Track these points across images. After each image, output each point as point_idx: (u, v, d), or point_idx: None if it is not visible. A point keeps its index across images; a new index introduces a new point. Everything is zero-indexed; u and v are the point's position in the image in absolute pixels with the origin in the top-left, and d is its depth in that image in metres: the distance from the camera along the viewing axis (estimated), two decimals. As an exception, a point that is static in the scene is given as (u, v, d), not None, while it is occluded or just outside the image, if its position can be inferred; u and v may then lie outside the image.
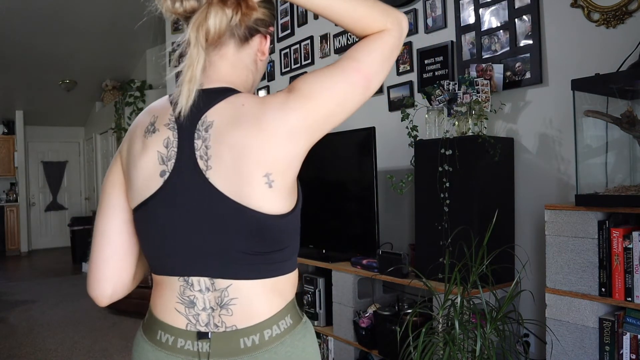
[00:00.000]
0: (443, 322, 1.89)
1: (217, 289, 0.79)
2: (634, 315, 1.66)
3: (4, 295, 5.34)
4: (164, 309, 0.83)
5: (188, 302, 0.81)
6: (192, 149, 0.79)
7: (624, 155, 1.88)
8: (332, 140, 2.96)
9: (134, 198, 0.83)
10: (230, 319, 0.79)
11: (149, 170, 0.80)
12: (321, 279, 2.87)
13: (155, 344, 0.83)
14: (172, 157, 0.79)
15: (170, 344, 0.81)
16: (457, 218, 2.15)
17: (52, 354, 3.44)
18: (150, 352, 0.84)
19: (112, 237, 0.86)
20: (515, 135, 2.32)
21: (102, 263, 0.86)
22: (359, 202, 2.73)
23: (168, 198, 0.79)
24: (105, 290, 0.87)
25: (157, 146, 0.80)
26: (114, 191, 0.87)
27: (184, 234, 0.80)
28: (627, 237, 1.65)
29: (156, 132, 0.81)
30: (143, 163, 0.81)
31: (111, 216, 0.86)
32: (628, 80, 1.76)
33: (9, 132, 8.60)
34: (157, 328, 0.84)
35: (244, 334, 0.79)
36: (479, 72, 2.39)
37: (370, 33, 0.81)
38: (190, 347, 0.80)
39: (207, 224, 0.78)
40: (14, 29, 5.51)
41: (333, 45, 3.41)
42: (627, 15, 1.93)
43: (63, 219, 8.98)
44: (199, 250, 0.79)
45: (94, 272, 0.87)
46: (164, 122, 0.82)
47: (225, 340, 0.79)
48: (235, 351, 0.79)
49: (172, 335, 0.81)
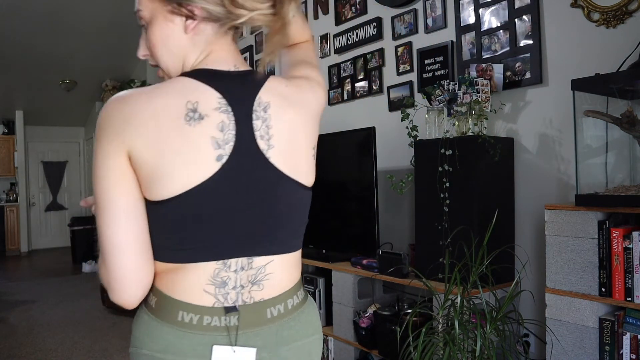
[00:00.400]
0: (443, 322, 1.89)
1: (254, 267, 0.84)
2: (634, 315, 1.66)
3: (4, 295, 5.34)
4: (189, 291, 0.81)
5: (220, 282, 0.82)
6: (251, 130, 0.82)
7: (624, 155, 1.88)
8: (332, 140, 2.97)
9: (168, 188, 0.77)
10: (259, 293, 0.84)
11: (199, 156, 0.78)
12: (321, 279, 2.87)
13: (176, 325, 0.80)
14: (229, 140, 0.80)
15: (195, 323, 0.80)
16: (457, 218, 2.15)
17: (52, 354, 3.44)
18: (168, 333, 0.80)
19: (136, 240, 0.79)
20: (515, 135, 2.32)
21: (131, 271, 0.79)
22: (359, 202, 2.73)
23: (226, 181, 0.80)
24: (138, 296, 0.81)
25: (209, 131, 0.79)
26: (121, 192, 0.77)
27: (240, 217, 0.82)
28: (627, 237, 1.65)
29: (205, 118, 0.79)
30: (189, 150, 0.78)
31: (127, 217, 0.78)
32: (628, 80, 1.76)
33: (9, 132, 8.60)
34: (176, 309, 0.81)
35: (270, 304, 0.85)
36: (479, 72, 2.39)
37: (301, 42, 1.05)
38: (217, 322, 0.81)
39: (265, 204, 0.83)
40: (14, 29, 5.51)
41: (333, 45, 3.41)
42: (627, 15, 1.93)
43: (63, 219, 8.98)
44: (250, 232, 0.83)
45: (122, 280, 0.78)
46: (213, 106, 0.80)
47: (253, 312, 0.83)
48: (262, 321, 0.83)
49: (196, 313, 0.81)
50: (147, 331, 0.82)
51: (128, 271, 0.78)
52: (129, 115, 0.77)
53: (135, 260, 0.79)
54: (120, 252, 0.78)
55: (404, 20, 2.87)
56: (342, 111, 3.36)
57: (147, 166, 0.77)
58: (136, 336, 0.84)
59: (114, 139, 0.77)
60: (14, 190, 8.73)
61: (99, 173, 0.78)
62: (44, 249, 8.87)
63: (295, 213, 0.88)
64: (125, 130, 0.77)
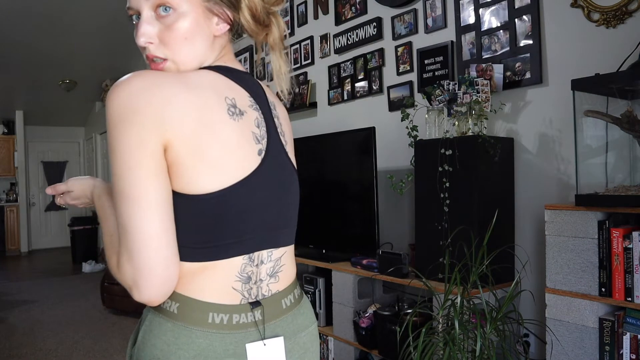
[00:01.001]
0: (443, 322, 1.89)
1: (272, 260, 0.86)
2: (634, 315, 1.66)
3: (4, 295, 5.34)
4: (218, 291, 0.80)
5: (246, 277, 0.82)
6: (275, 128, 0.88)
7: (624, 155, 1.88)
8: (332, 140, 2.97)
9: (214, 181, 0.76)
10: (275, 285, 0.86)
11: (243, 150, 0.80)
12: (321, 279, 2.87)
13: (207, 328, 0.78)
14: (264, 135, 0.85)
15: (226, 323, 0.79)
16: (457, 218, 2.15)
17: (52, 354, 3.44)
18: (200, 337, 0.78)
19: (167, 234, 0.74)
20: (515, 135, 2.32)
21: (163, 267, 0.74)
22: (359, 202, 2.73)
23: (265, 175, 0.82)
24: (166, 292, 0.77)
25: (249, 127, 0.82)
26: (157, 182, 0.73)
27: (272, 210, 0.85)
28: (627, 237, 1.65)
29: (244, 114, 0.82)
30: (237, 143, 0.79)
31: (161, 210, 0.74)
32: (628, 80, 1.76)
33: (9, 132, 8.60)
34: (206, 311, 0.78)
35: (283, 295, 0.88)
36: (479, 72, 2.39)
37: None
38: (245, 319, 0.81)
39: (288, 196, 0.89)
40: (14, 29, 5.51)
41: (333, 45, 3.42)
42: (627, 15, 1.93)
43: (63, 219, 8.99)
44: (276, 224, 0.86)
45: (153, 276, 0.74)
46: (247, 103, 0.84)
47: (273, 304, 0.85)
48: (279, 312, 0.86)
49: (226, 313, 0.79)
50: (175, 339, 0.78)
51: (160, 267, 0.73)
52: (168, 102, 0.73)
53: (166, 255, 0.74)
54: (152, 247, 0.73)
55: (404, 20, 2.87)
56: (342, 111, 3.36)
57: (189, 158, 0.74)
58: (158, 347, 0.78)
59: (150, 126, 0.72)
60: (14, 190, 8.74)
61: (130, 162, 0.72)
62: (44, 249, 8.87)
63: (297, 205, 0.94)
64: (164, 118, 0.73)
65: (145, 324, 0.82)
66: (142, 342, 0.81)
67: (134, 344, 0.84)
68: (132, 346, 0.85)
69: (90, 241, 7.43)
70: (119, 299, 4.31)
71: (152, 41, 0.82)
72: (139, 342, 0.81)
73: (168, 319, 0.79)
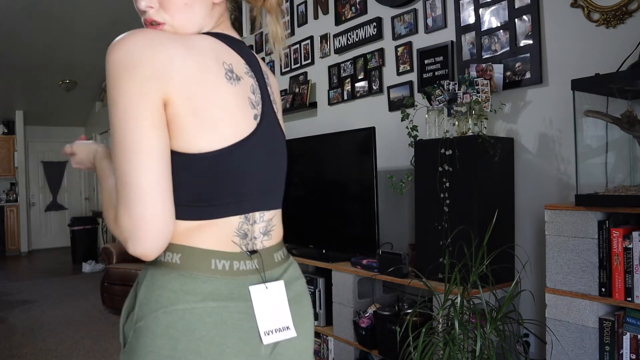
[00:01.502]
0: (443, 322, 1.89)
1: (264, 220, 0.90)
2: (634, 315, 1.66)
3: (4, 295, 5.34)
4: (217, 241, 0.83)
5: (242, 234, 0.86)
6: (268, 95, 0.92)
7: (624, 155, 1.88)
8: (332, 140, 2.97)
9: (212, 141, 0.79)
10: (268, 241, 0.91)
11: (240, 114, 0.83)
12: (321, 279, 2.87)
13: (209, 273, 0.81)
14: (259, 102, 0.88)
15: (227, 269, 0.83)
16: (457, 218, 2.15)
17: (52, 354, 3.44)
18: (205, 282, 0.80)
19: (164, 187, 0.75)
20: (515, 135, 2.32)
21: (160, 219, 0.75)
22: (359, 202, 2.73)
23: (260, 140, 0.86)
24: (161, 246, 0.77)
25: (245, 92, 0.86)
26: (157, 135, 0.74)
27: (265, 173, 0.89)
28: (627, 237, 1.65)
29: (240, 79, 0.85)
30: (235, 106, 0.82)
31: (160, 163, 0.75)
32: (628, 80, 1.76)
33: (9, 132, 8.60)
34: (208, 258, 0.81)
35: (275, 250, 0.93)
36: (479, 72, 2.39)
37: None
38: (245, 267, 0.85)
39: (280, 161, 0.95)
40: (14, 29, 5.51)
41: (333, 45, 3.42)
42: (627, 15, 1.93)
43: (63, 219, 8.99)
44: (269, 187, 0.91)
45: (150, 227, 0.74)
46: (243, 70, 0.87)
47: (268, 255, 0.90)
48: (274, 263, 0.91)
49: (227, 260, 0.83)
50: (181, 285, 0.79)
51: (157, 218, 0.74)
52: (170, 60, 0.75)
53: (164, 207, 0.75)
54: (151, 198, 0.74)
55: (404, 20, 2.87)
56: (342, 111, 3.36)
57: (188, 117, 0.77)
58: (164, 295, 0.79)
59: (152, 80, 0.74)
60: (14, 190, 8.74)
61: (131, 113, 0.73)
62: (44, 249, 8.88)
63: (285, 170, 0.98)
64: (166, 74, 0.74)
65: (146, 280, 0.82)
66: (145, 298, 0.81)
67: (132, 309, 0.83)
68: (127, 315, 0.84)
69: (90, 241, 7.43)
70: (119, 299, 4.31)
71: (153, 5, 0.84)
72: (140, 300, 0.81)
73: (172, 269, 0.81)
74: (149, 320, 0.79)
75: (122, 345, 0.85)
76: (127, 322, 0.84)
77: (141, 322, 0.80)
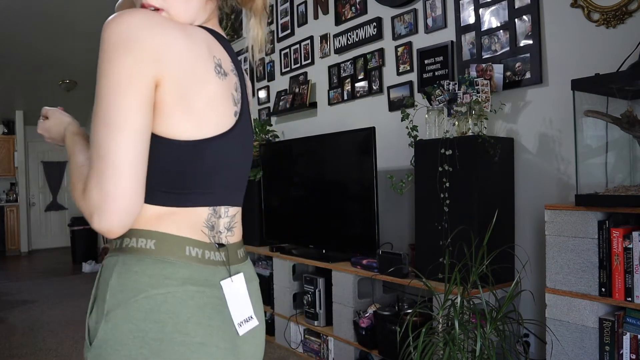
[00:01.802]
0: (443, 322, 1.89)
1: (229, 216, 0.92)
2: (634, 315, 1.66)
3: (4, 295, 5.34)
4: (189, 229, 0.84)
5: (210, 226, 0.88)
6: (246, 95, 0.94)
7: (624, 155, 1.88)
8: (332, 140, 2.97)
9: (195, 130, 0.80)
10: (232, 238, 0.93)
11: (223, 108, 0.85)
12: (321, 279, 2.87)
13: (186, 260, 0.82)
14: (239, 100, 0.90)
15: (200, 257, 0.84)
16: (457, 218, 2.15)
17: (52, 354, 3.44)
18: (182, 267, 0.81)
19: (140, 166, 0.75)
20: (515, 135, 2.32)
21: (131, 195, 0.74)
22: (359, 202, 2.73)
23: (236, 137, 0.88)
24: (127, 224, 0.76)
25: (229, 88, 0.88)
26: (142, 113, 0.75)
27: (236, 168, 0.92)
28: (627, 237, 1.65)
29: (227, 75, 0.88)
30: (220, 100, 0.84)
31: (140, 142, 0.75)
32: (628, 80, 1.76)
33: (9, 132, 8.60)
34: (183, 245, 0.82)
35: (237, 247, 0.95)
36: (479, 72, 2.39)
37: None
38: (214, 257, 0.87)
39: (248, 160, 0.96)
40: (14, 29, 5.51)
41: (333, 45, 3.42)
42: (627, 15, 1.93)
43: (63, 219, 8.98)
44: (235, 183, 0.93)
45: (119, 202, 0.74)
46: (229, 67, 0.89)
47: (233, 250, 0.92)
48: (236, 260, 0.93)
49: (199, 248, 0.84)
50: (160, 270, 0.80)
51: (128, 194, 0.74)
52: (168, 43, 0.77)
53: (136, 185, 0.75)
54: (124, 174, 0.73)
55: (404, 20, 2.87)
56: (342, 111, 3.36)
57: (175, 102, 0.78)
58: (142, 281, 0.79)
59: (148, 59, 0.74)
60: (14, 190, 8.74)
61: (121, 87, 0.73)
62: (44, 249, 8.87)
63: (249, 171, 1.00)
64: (162, 56, 0.76)
65: (117, 267, 0.81)
66: (119, 285, 0.79)
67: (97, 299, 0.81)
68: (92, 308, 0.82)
69: (90, 241, 7.42)
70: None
71: None
72: (113, 287, 0.80)
73: (146, 255, 0.81)
74: (128, 306, 0.78)
75: (88, 342, 0.82)
76: (92, 314, 0.82)
77: (117, 309, 0.78)
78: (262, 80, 4.27)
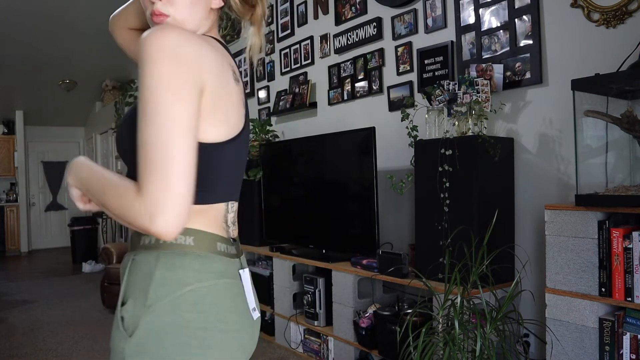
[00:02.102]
0: (443, 322, 1.89)
1: (234, 210, 0.99)
2: (634, 315, 1.66)
3: (4, 295, 5.34)
4: (215, 226, 0.92)
5: (226, 221, 0.95)
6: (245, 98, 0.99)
7: (624, 155, 1.88)
8: (332, 140, 2.97)
9: (226, 131, 0.89)
10: (235, 232, 1.00)
11: (239, 111, 0.93)
12: (321, 279, 2.87)
13: (218, 254, 0.91)
14: (245, 103, 0.98)
15: (226, 251, 0.93)
16: (457, 218, 2.15)
17: (52, 354, 3.44)
18: (218, 261, 0.90)
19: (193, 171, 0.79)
20: (515, 135, 2.32)
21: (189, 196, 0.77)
22: (359, 202, 2.73)
23: (244, 137, 0.95)
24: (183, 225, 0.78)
25: (241, 93, 0.95)
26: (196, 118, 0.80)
27: (242, 165, 1.00)
28: (627, 237, 1.65)
29: (239, 82, 0.95)
30: (238, 104, 0.92)
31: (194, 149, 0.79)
32: (628, 80, 1.76)
33: (9, 132, 8.60)
34: (215, 241, 0.91)
35: (238, 242, 1.01)
36: (479, 72, 2.39)
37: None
38: (232, 250, 0.95)
39: (246, 158, 1.03)
40: (14, 29, 5.51)
41: (333, 45, 3.41)
42: (627, 15, 1.93)
43: (63, 219, 8.98)
44: (239, 180, 1.00)
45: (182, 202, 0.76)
46: (237, 75, 0.97)
47: (238, 244, 1.00)
48: (240, 253, 1.00)
49: (224, 243, 0.93)
50: (201, 265, 0.88)
51: (188, 194, 0.77)
52: (205, 56, 0.83)
53: (192, 185, 0.78)
54: (190, 175, 0.77)
55: (404, 20, 2.87)
56: (342, 111, 3.36)
57: (209, 109, 0.84)
58: (190, 275, 0.85)
59: (195, 69, 0.80)
60: (14, 190, 8.73)
61: (181, 94, 0.77)
62: (44, 249, 8.87)
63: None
64: (201, 67, 0.82)
65: (161, 262, 0.86)
66: (164, 279, 0.84)
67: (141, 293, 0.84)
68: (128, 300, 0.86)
69: (90, 241, 7.42)
70: (119, 299, 4.30)
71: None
72: (157, 281, 0.84)
73: (188, 252, 0.87)
74: (174, 298, 0.84)
75: (124, 333, 0.84)
76: (127, 306, 0.85)
77: (162, 301, 0.83)
78: (262, 80, 4.27)
